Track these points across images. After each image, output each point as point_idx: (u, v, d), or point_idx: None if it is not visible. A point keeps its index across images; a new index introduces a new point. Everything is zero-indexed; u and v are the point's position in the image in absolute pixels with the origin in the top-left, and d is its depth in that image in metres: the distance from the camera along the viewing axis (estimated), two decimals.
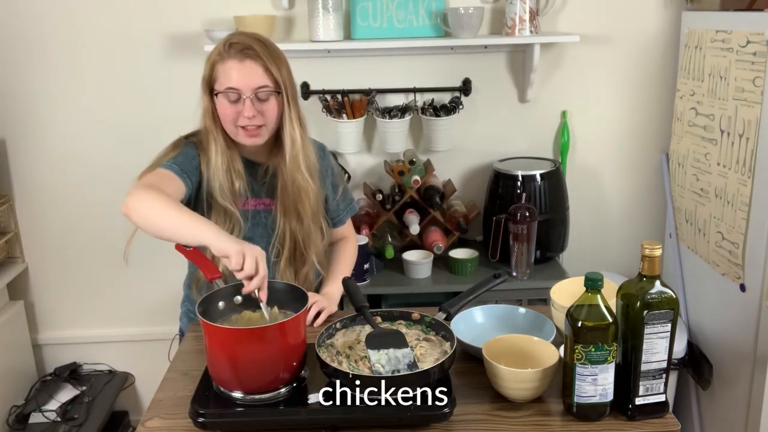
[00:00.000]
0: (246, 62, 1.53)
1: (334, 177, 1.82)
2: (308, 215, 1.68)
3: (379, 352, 1.32)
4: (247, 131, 1.57)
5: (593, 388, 1.25)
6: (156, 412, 1.35)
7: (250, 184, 1.68)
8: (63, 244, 2.69)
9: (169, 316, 2.72)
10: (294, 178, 1.63)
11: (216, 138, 1.60)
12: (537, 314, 1.58)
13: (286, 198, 1.66)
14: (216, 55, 1.55)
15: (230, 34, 1.59)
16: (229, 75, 1.53)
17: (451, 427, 1.28)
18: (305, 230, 1.69)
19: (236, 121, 1.56)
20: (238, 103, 1.54)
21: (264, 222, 1.71)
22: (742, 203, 2.05)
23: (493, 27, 2.53)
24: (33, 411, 2.48)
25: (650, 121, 2.64)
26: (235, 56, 1.53)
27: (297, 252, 1.71)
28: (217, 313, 1.40)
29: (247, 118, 1.54)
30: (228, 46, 1.54)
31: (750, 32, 1.98)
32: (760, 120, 1.95)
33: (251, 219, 1.69)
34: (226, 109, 1.56)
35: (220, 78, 1.55)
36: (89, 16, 2.46)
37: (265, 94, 1.55)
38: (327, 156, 1.81)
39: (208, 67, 1.57)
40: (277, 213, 1.69)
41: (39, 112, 2.55)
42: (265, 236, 1.70)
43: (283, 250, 1.70)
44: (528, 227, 2.28)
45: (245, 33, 1.61)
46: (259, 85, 1.54)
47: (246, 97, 1.53)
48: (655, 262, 1.24)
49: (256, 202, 1.69)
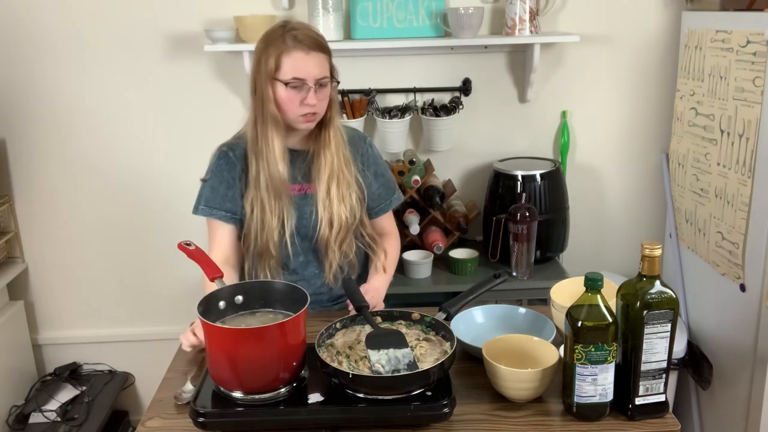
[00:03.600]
0: (311, 54, 1.63)
1: (377, 166, 1.86)
2: (345, 199, 1.74)
3: (379, 352, 1.33)
4: (305, 117, 1.66)
5: (593, 388, 1.26)
6: (156, 412, 1.35)
7: (291, 170, 1.75)
8: (63, 244, 2.69)
9: (169, 316, 2.73)
10: (332, 162, 1.72)
11: (278, 124, 1.68)
12: (537, 314, 1.58)
13: (324, 182, 1.73)
14: (281, 45, 1.62)
15: (286, 26, 1.66)
16: (296, 65, 1.62)
17: (451, 427, 1.28)
18: (341, 214, 1.74)
19: (299, 108, 1.65)
20: (301, 91, 1.63)
21: (303, 206, 1.75)
22: (742, 203, 2.05)
23: (493, 27, 2.53)
24: (33, 411, 2.48)
25: (650, 121, 2.64)
26: (302, 48, 1.62)
27: (332, 236, 1.75)
28: (218, 313, 1.40)
29: (311, 106, 1.64)
30: (292, 39, 1.62)
31: (750, 32, 1.98)
32: (760, 120, 1.95)
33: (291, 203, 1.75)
34: (291, 97, 1.64)
35: (284, 68, 1.62)
36: (89, 16, 2.46)
37: (325, 83, 1.66)
38: (370, 146, 1.87)
39: (271, 58, 1.63)
40: (315, 197, 1.74)
41: (39, 112, 2.55)
42: (305, 219, 1.75)
43: (318, 234, 1.74)
44: (528, 227, 2.28)
45: (300, 24, 1.69)
46: (322, 75, 1.65)
47: (310, 86, 1.63)
48: (655, 262, 1.24)
49: (297, 187, 1.76)
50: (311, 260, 1.80)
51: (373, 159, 1.86)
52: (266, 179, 1.69)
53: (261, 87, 1.65)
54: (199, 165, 2.62)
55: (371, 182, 1.84)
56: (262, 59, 1.64)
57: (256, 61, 1.67)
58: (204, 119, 2.58)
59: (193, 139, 2.59)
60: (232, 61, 2.50)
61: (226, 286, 1.43)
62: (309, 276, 1.80)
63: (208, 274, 1.45)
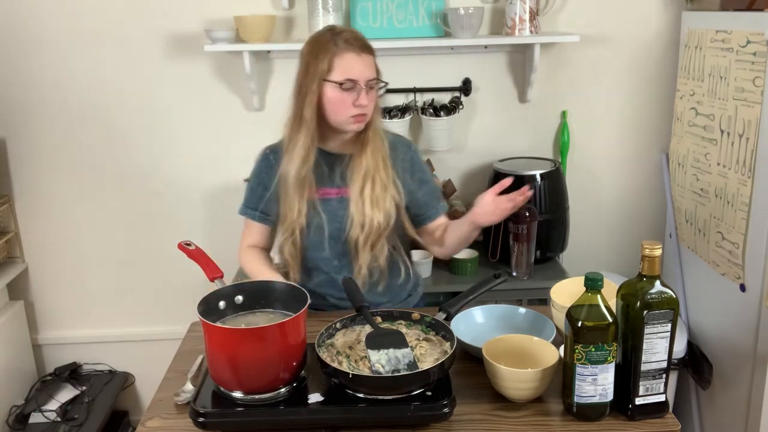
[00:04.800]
0: (363, 55, 1.66)
1: (422, 173, 1.84)
2: (378, 202, 1.73)
3: (379, 352, 1.33)
4: (355, 118, 1.67)
5: (593, 388, 1.25)
6: (156, 412, 1.36)
7: (326, 173, 1.75)
8: (63, 244, 2.69)
9: (170, 316, 2.73)
10: (367, 164, 1.72)
11: (310, 128, 1.68)
12: (537, 314, 1.58)
13: (358, 183, 1.72)
14: (333, 47, 1.64)
15: (334, 30, 1.68)
16: (348, 67, 1.64)
17: (451, 427, 1.28)
18: (373, 217, 1.73)
19: (350, 109, 1.65)
20: (352, 92, 1.64)
21: (339, 210, 1.75)
22: (742, 203, 2.05)
23: (493, 27, 2.53)
24: (33, 411, 2.48)
25: (650, 121, 2.64)
26: (353, 50, 1.64)
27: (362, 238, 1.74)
28: (218, 313, 1.40)
29: (362, 107, 1.65)
30: (344, 41, 1.64)
31: (750, 32, 1.98)
32: (760, 120, 1.95)
33: (326, 207, 1.75)
34: (343, 98, 1.65)
35: (336, 69, 1.64)
36: (89, 16, 2.46)
37: (373, 85, 1.68)
38: (415, 152, 1.85)
39: (323, 60, 1.64)
40: (349, 201, 1.74)
41: (39, 112, 2.55)
42: (340, 223, 1.75)
43: (348, 235, 1.74)
44: (528, 227, 2.28)
45: (345, 27, 1.71)
46: (373, 76, 1.68)
47: (362, 87, 1.64)
48: (655, 262, 1.24)
49: (334, 191, 1.76)
50: (344, 264, 1.79)
51: (418, 166, 1.84)
52: (286, 180, 1.70)
53: (306, 89, 1.66)
54: (199, 165, 2.64)
55: (415, 189, 1.81)
56: (311, 62, 1.65)
57: (304, 65, 1.67)
58: (204, 119, 2.58)
59: (193, 139, 2.60)
60: (232, 61, 2.50)
61: (226, 286, 1.43)
62: (339, 278, 1.77)
63: (208, 274, 1.45)
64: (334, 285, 1.79)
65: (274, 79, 2.55)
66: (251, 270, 1.82)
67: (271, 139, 2.59)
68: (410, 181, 1.81)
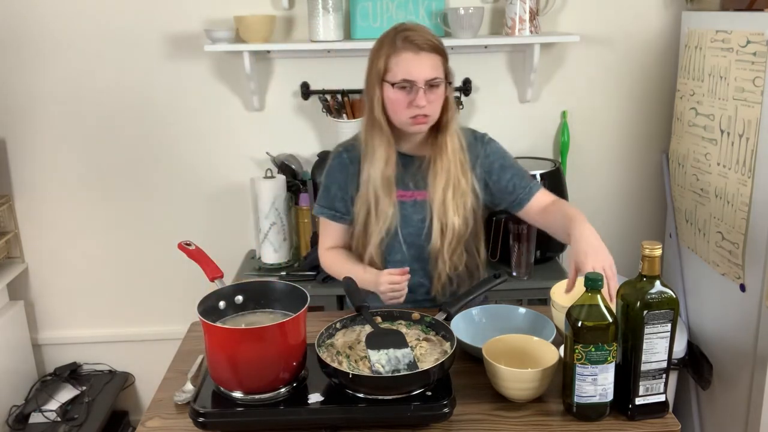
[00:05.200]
0: (421, 55, 1.60)
1: (503, 159, 1.77)
2: (459, 209, 1.71)
3: (379, 352, 1.33)
4: (415, 120, 1.63)
5: (593, 388, 1.26)
6: (156, 412, 1.35)
7: (403, 176, 1.73)
8: (63, 244, 2.69)
9: (169, 316, 2.73)
10: (448, 169, 1.69)
11: (383, 129, 1.67)
12: (537, 314, 1.58)
13: (439, 189, 1.69)
14: (389, 47, 1.62)
15: (398, 27, 1.65)
16: (405, 67, 1.60)
17: (451, 427, 1.28)
18: (455, 223, 1.71)
19: (408, 110, 1.62)
20: (410, 93, 1.61)
21: (413, 214, 1.73)
22: (742, 203, 2.05)
23: (493, 27, 2.53)
24: (33, 411, 2.48)
25: (650, 121, 2.64)
26: (411, 49, 1.60)
27: (444, 245, 1.72)
28: (218, 313, 1.40)
29: (419, 108, 1.61)
30: (402, 39, 1.60)
31: (750, 32, 1.98)
32: (760, 120, 1.95)
33: (401, 210, 1.73)
34: (400, 99, 1.62)
35: (393, 69, 1.61)
36: (89, 16, 2.46)
37: (436, 84, 1.62)
38: (489, 141, 1.79)
39: (380, 59, 1.63)
40: (428, 205, 1.72)
41: (39, 112, 2.55)
42: (413, 227, 1.73)
43: (430, 243, 1.72)
44: (528, 227, 2.27)
45: (413, 25, 1.66)
46: (432, 76, 1.61)
47: (419, 88, 1.60)
48: (655, 262, 1.24)
49: (408, 194, 1.73)
50: (417, 269, 1.76)
51: (495, 153, 1.77)
52: (371, 183, 1.69)
53: (372, 90, 1.65)
54: (198, 165, 2.63)
55: (499, 178, 1.75)
56: (374, 61, 1.64)
57: (369, 64, 1.67)
58: (204, 119, 2.58)
59: (192, 139, 2.59)
60: (232, 61, 2.50)
61: (226, 286, 1.43)
62: (413, 285, 1.74)
63: (208, 274, 1.45)
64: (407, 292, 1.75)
65: (274, 79, 2.55)
66: (337, 271, 1.78)
67: (270, 138, 2.61)
68: (494, 173, 1.75)
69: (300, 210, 2.49)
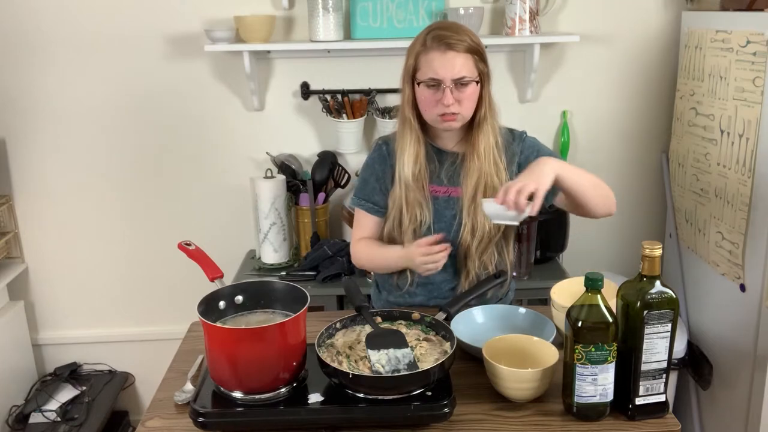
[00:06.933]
0: (448, 53, 1.60)
1: (539, 151, 1.75)
2: None
3: (379, 352, 1.33)
4: (444, 117, 1.64)
5: (593, 388, 1.25)
6: (156, 412, 1.35)
7: (438, 171, 1.73)
8: (63, 244, 2.69)
9: (169, 316, 2.73)
10: (480, 168, 1.68)
11: (412, 126, 1.69)
12: (537, 314, 1.58)
13: (470, 187, 1.69)
14: (420, 46, 1.63)
15: (432, 26, 1.66)
16: (432, 65, 1.61)
17: (451, 427, 1.28)
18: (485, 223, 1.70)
19: (436, 108, 1.63)
20: (438, 91, 1.62)
21: (445, 209, 1.73)
22: (742, 203, 2.05)
23: (493, 27, 2.53)
24: (33, 411, 2.48)
25: (650, 121, 2.64)
26: (438, 48, 1.61)
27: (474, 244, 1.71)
28: (218, 313, 1.40)
29: (445, 106, 1.62)
30: (432, 38, 1.62)
31: (750, 32, 1.98)
32: (760, 120, 1.95)
33: (434, 205, 1.73)
34: (428, 97, 1.63)
35: (422, 68, 1.63)
36: (89, 15, 2.46)
37: (466, 82, 1.63)
38: (524, 138, 1.78)
39: (411, 57, 1.65)
40: (459, 202, 1.72)
41: (39, 112, 2.55)
42: (445, 223, 1.73)
43: (459, 241, 1.71)
44: (528, 227, 2.28)
45: (447, 24, 1.69)
46: (460, 75, 1.61)
47: (446, 86, 1.60)
48: (655, 262, 1.24)
49: (442, 189, 1.73)
50: (446, 265, 1.72)
51: (530, 147, 1.76)
52: (403, 179, 1.69)
53: (403, 87, 1.67)
54: (198, 165, 2.63)
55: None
56: (407, 60, 1.66)
57: (404, 63, 1.68)
58: (204, 119, 2.58)
59: (192, 139, 2.59)
60: (232, 61, 2.50)
61: (226, 286, 1.43)
62: (439, 281, 1.75)
63: (208, 274, 1.45)
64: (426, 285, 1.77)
65: (274, 79, 2.55)
66: (371, 256, 1.78)
67: (270, 138, 2.61)
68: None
69: (300, 210, 2.49)
